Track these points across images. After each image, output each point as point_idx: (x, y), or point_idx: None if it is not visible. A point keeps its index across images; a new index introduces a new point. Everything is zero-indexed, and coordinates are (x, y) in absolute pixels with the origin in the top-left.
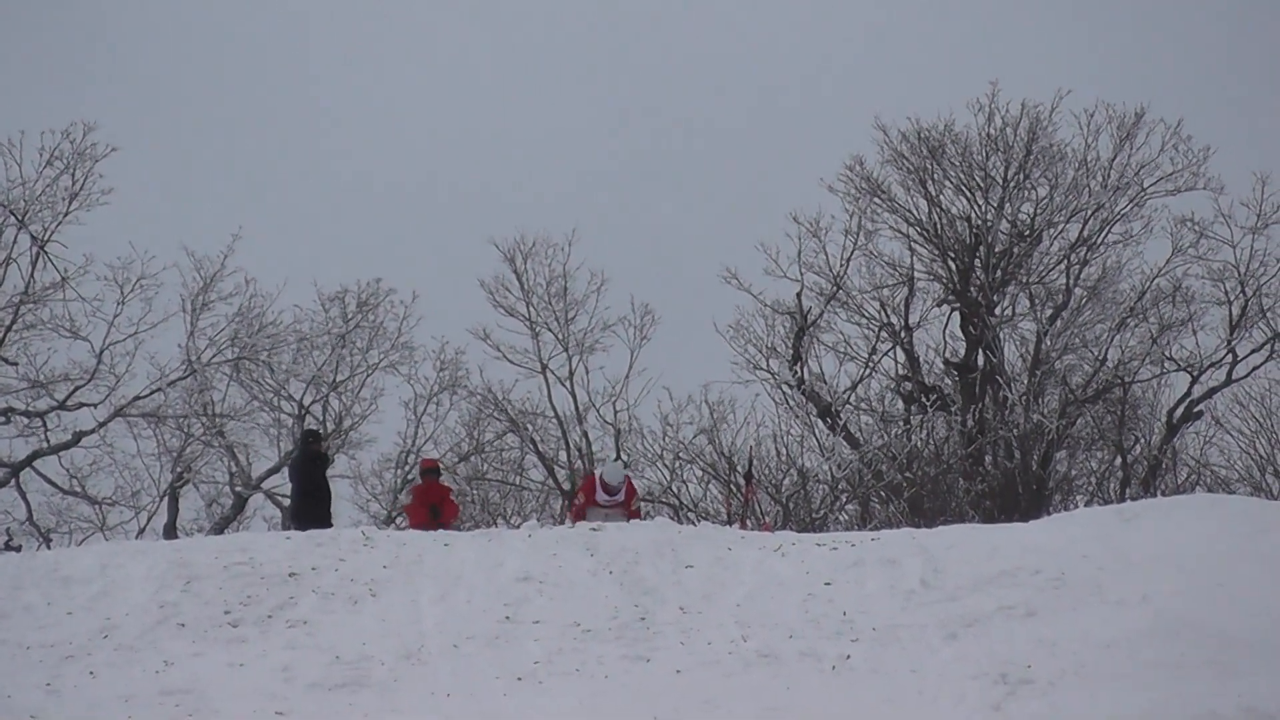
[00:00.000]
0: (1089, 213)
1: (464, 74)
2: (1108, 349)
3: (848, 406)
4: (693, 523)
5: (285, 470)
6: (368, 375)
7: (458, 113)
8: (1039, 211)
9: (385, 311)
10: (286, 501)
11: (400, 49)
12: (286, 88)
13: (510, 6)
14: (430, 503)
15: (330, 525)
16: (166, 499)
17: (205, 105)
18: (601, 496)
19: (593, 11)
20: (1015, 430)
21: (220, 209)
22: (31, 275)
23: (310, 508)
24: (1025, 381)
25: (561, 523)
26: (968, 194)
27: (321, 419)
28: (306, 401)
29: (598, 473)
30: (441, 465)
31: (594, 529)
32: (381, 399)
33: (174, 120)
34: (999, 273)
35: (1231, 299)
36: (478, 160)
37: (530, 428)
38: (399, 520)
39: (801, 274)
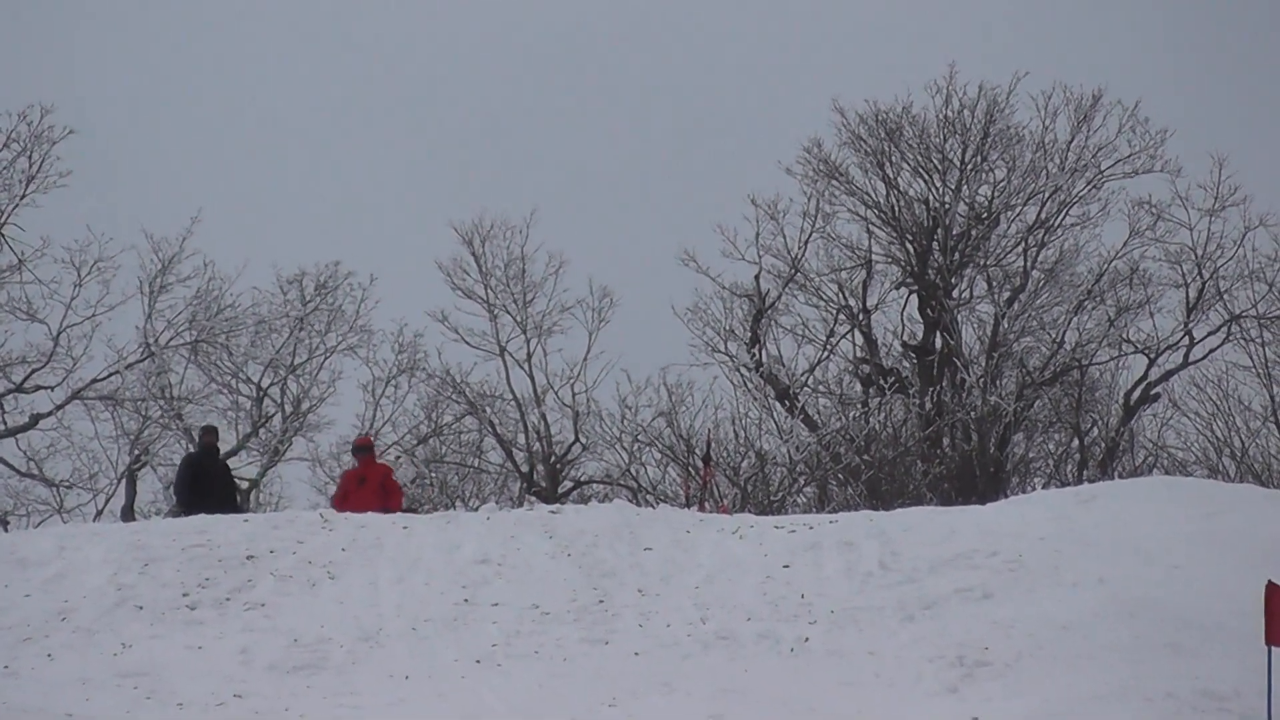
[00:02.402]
0: (1046, 195)
1: (421, 57)
2: (1065, 331)
3: (806, 389)
4: (651, 505)
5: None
6: (326, 358)
7: (415, 95)
8: (996, 194)
9: (344, 294)
10: (243, 483)
11: (357, 31)
12: (246, 69)
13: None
14: (361, 476)
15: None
16: (124, 481)
17: (163, 87)
18: None
19: None
20: (973, 413)
21: (179, 191)
22: None
23: (198, 500)
24: (983, 364)
25: (520, 505)
26: (925, 176)
27: (279, 401)
28: (264, 384)
29: None
30: (374, 442)
31: (552, 512)
32: (340, 381)
33: (132, 102)
34: (957, 255)
35: (1188, 281)
36: (435, 142)
37: (488, 410)
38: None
39: (760, 256)
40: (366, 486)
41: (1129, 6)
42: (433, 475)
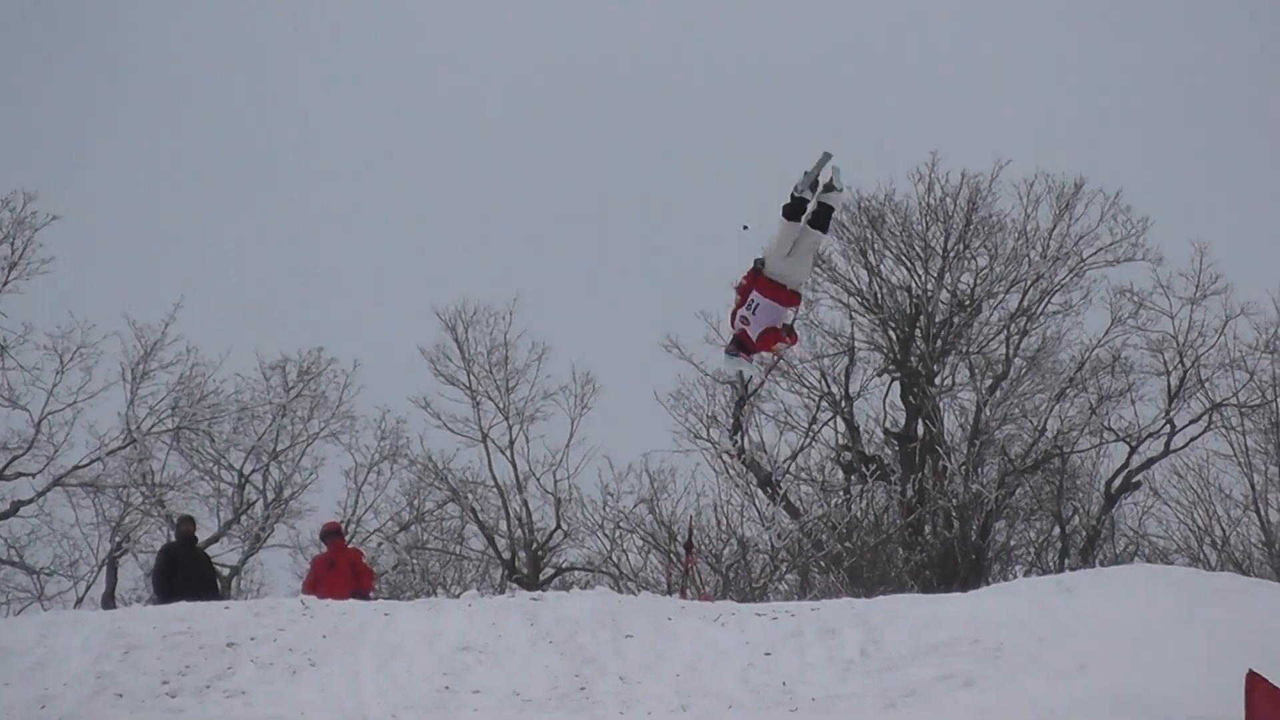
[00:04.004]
0: (1028, 283)
1: (403, 141)
2: (1047, 419)
3: (788, 476)
4: (633, 592)
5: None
6: (308, 444)
7: (399, 179)
8: (979, 281)
9: (326, 380)
10: (224, 570)
11: (338, 115)
12: (229, 153)
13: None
14: (331, 560)
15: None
16: (105, 568)
17: (146, 173)
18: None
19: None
20: (954, 500)
21: (163, 278)
22: None
23: (175, 591)
24: (964, 451)
25: (501, 592)
26: (908, 264)
27: (262, 488)
28: (247, 470)
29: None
30: (343, 528)
31: (534, 598)
32: (322, 468)
33: (117, 188)
34: (939, 342)
35: (1170, 369)
36: (419, 228)
37: (470, 496)
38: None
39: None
40: (337, 570)
41: (1111, 96)
42: (415, 562)
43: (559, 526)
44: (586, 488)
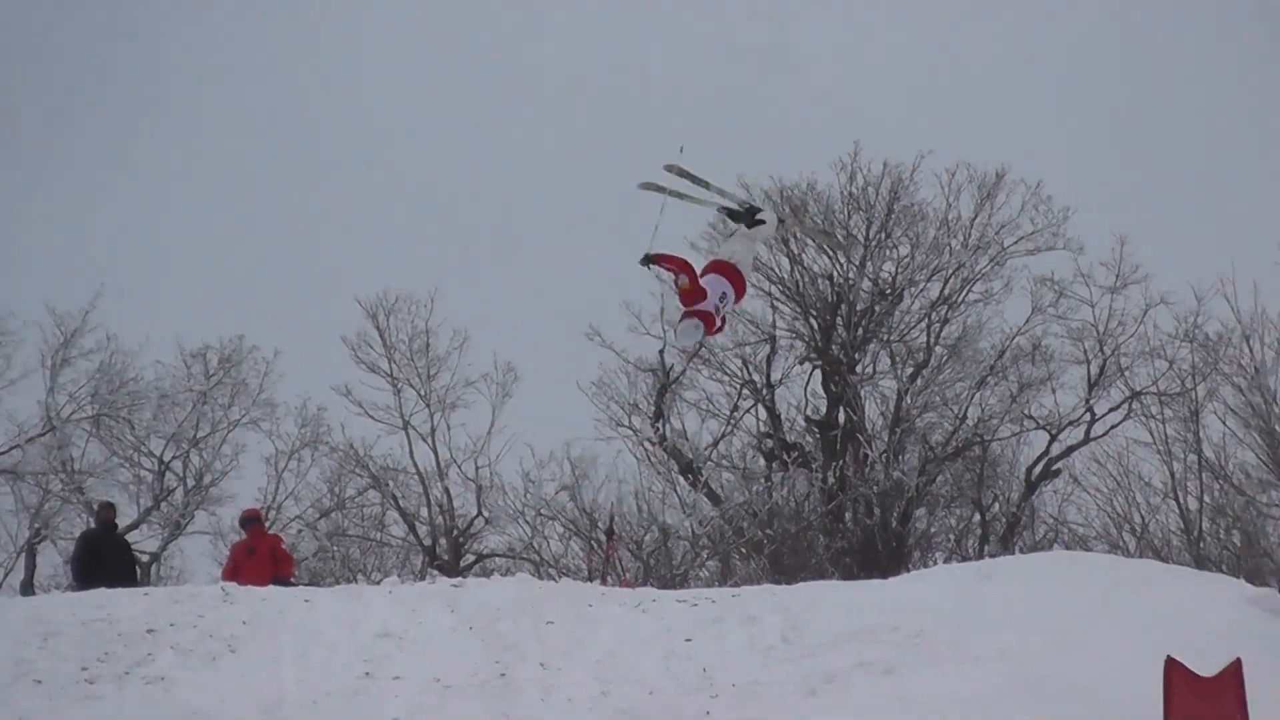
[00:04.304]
0: (950, 271)
1: (323, 132)
2: (967, 407)
3: (709, 463)
4: (554, 579)
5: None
6: (229, 431)
7: (317, 170)
8: (900, 270)
9: (247, 368)
10: (144, 557)
11: (259, 101)
12: (146, 139)
13: (359, 71)
14: (250, 547)
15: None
16: (23, 555)
17: (68, 160)
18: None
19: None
20: (875, 487)
21: (83, 267)
22: None
23: (94, 578)
24: (885, 439)
25: (422, 579)
26: (829, 252)
27: (182, 475)
28: (166, 457)
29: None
30: (263, 514)
31: (455, 585)
32: (243, 455)
33: (35, 176)
34: (860, 330)
35: (1090, 358)
36: (339, 216)
37: (391, 483)
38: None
39: (664, 331)
40: (256, 557)
41: (1032, 86)
42: (335, 549)
43: (480, 513)
44: (508, 475)
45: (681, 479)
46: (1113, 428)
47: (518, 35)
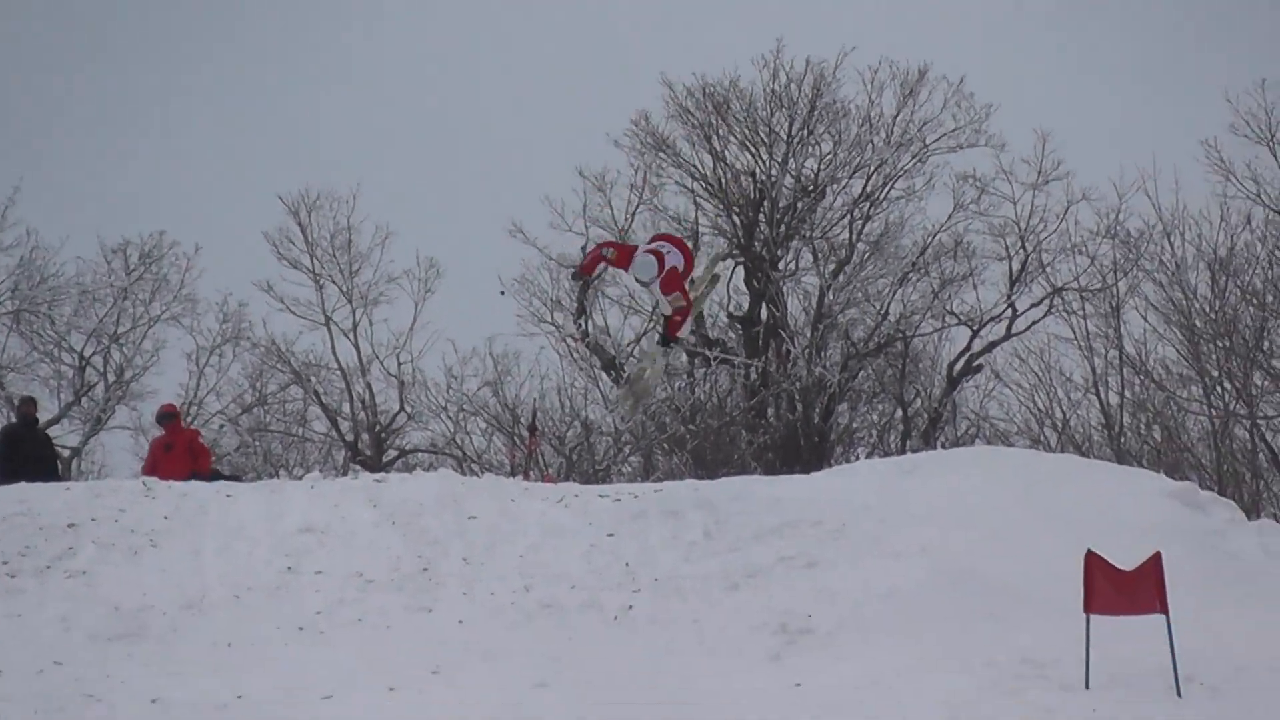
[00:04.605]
0: (872, 169)
1: (247, 25)
2: (890, 303)
3: (631, 359)
4: (476, 474)
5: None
6: (150, 327)
7: (239, 65)
8: (823, 167)
9: (168, 264)
10: (65, 452)
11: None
12: (71, 35)
13: None
14: (168, 443)
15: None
16: None
17: None
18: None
19: None
20: (798, 383)
21: (2, 161)
22: None
23: (15, 472)
24: (808, 335)
25: (344, 474)
26: (752, 149)
27: (102, 370)
28: (87, 353)
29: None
30: (180, 410)
31: (377, 480)
32: (163, 350)
33: None
34: (783, 227)
35: (1012, 254)
36: (261, 112)
37: (314, 379)
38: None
39: (587, 228)
40: (174, 452)
41: None
42: (257, 444)
43: (402, 409)
44: (430, 371)
45: (604, 375)
46: (1034, 324)
47: None
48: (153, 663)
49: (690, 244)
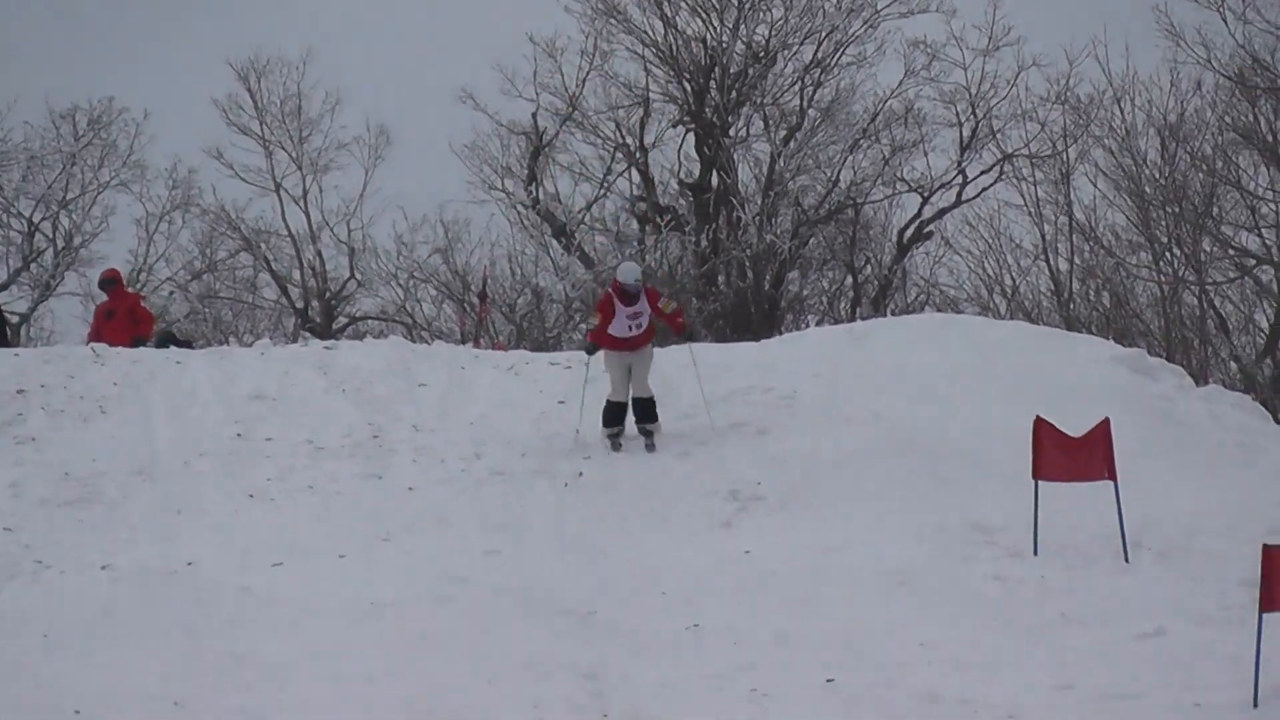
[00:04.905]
0: (823, 34)
1: None
2: (840, 170)
3: (582, 227)
4: (427, 342)
5: None
6: (99, 193)
7: None
8: (774, 33)
9: (117, 130)
10: (14, 318)
11: None
12: None
13: None
14: (110, 309)
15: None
16: None
17: None
18: (621, 310)
19: None
20: (748, 250)
21: None
22: None
23: None
24: (759, 202)
25: (294, 341)
26: (703, 15)
27: (51, 236)
28: (36, 219)
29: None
30: (121, 275)
31: (328, 348)
32: (113, 217)
33: None
34: (734, 94)
35: (962, 121)
36: None
37: (264, 246)
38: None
39: (537, 94)
40: (116, 319)
41: None
42: (207, 311)
43: (353, 276)
44: (380, 238)
45: (554, 242)
46: (984, 190)
47: None
48: (103, 529)
49: (641, 111)
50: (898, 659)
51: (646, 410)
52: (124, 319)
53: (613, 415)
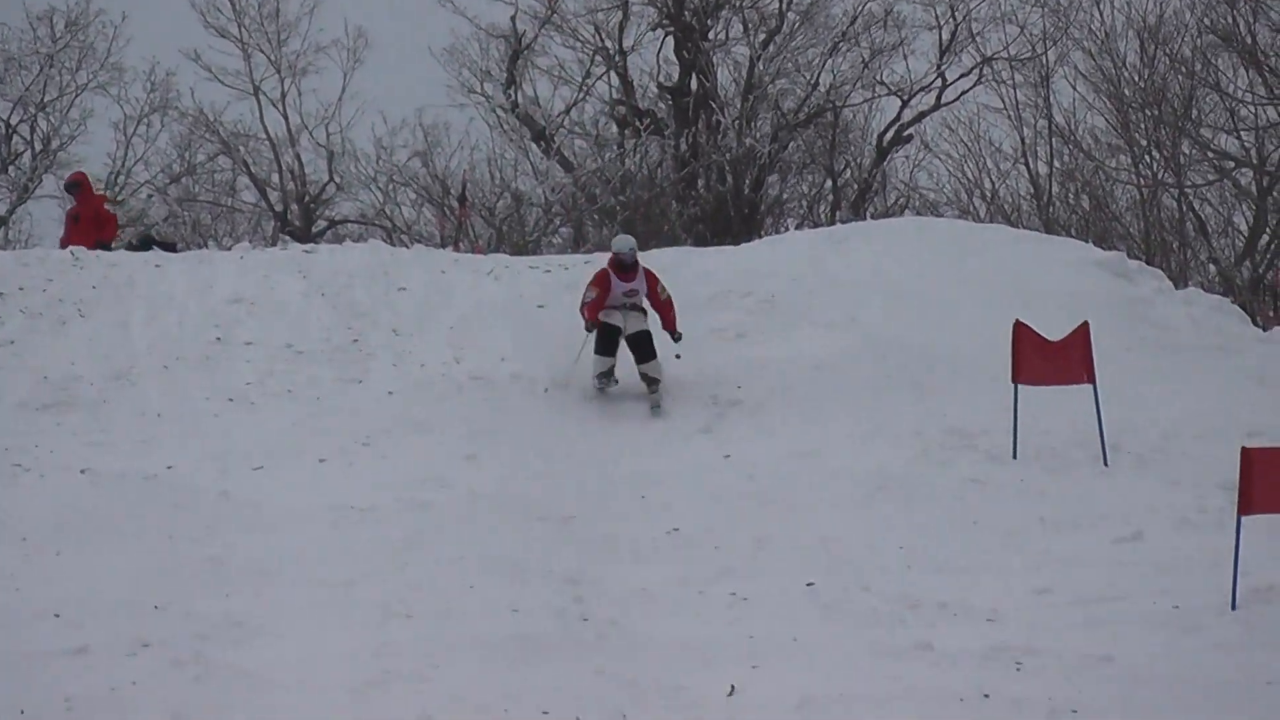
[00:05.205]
0: None
1: None
2: (819, 74)
3: (562, 130)
4: (406, 246)
5: None
6: (77, 96)
7: None
8: None
9: (95, 32)
10: None
11: None
12: None
13: None
14: (76, 213)
15: None
16: None
17: None
18: (618, 285)
19: None
20: (728, 154)
21: None
22: None
23: None
24: (738, 106)
25: (274, 245)
26: None
27: (29, 139)
28: (13, 121)
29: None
30: (90, 177)
31: (307, 251)
32: (91, 120)
33: None
34: None
35: (941, 24)
36: None
37: (242, 149)
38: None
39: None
40: (81, 223)
41: None
42: (185, 214)
43: (332, 180)
44: (360, 142)
45: (534, 146)
46: (964, 93)
47: None
48: (82, 433)
49: (620, 14)
50: (876, 563)
51: (644, 346)
52: (89, 223)
53: (605, 341)
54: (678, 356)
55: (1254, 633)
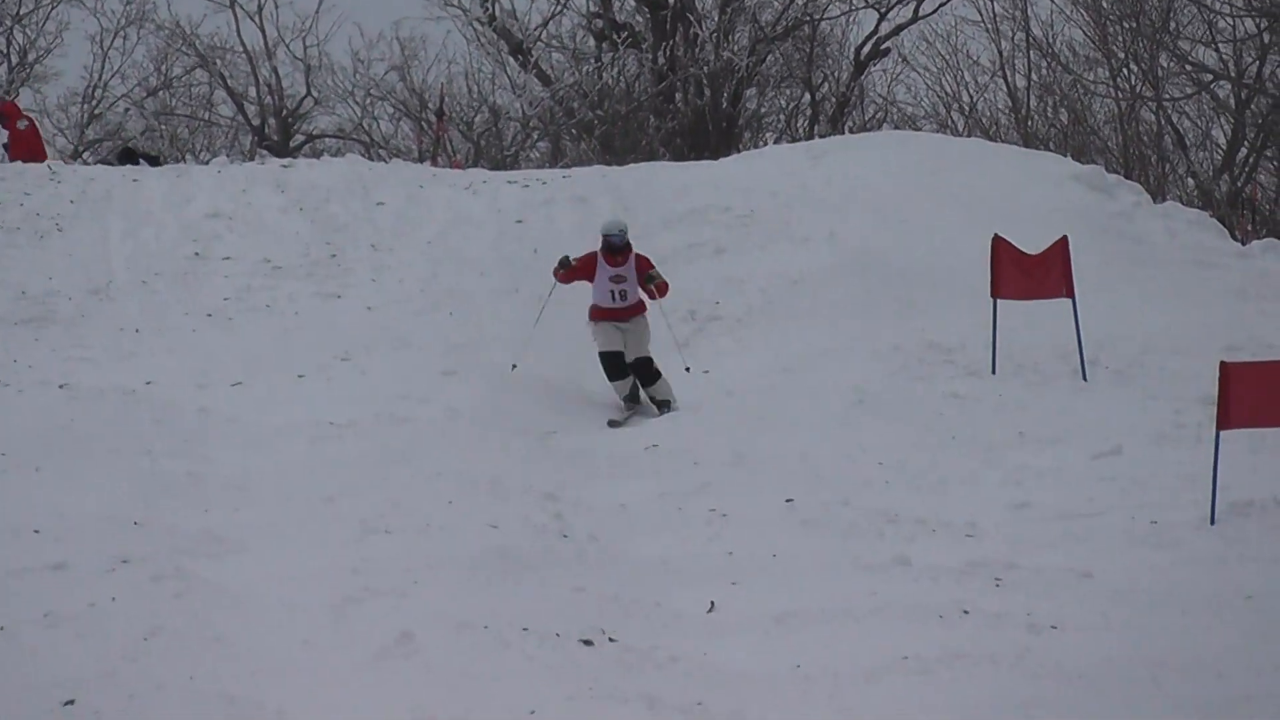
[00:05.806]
0: None
1: None
2: None
3: (539, 44)
4: (384, 160)
5: None
6: (53, 8)
7: None
8: None
9: None
10: None
11: None
12: None
13: None
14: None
15: None
16: None
17: None
18: (605, 269)
19: None
20: (706, 68)
21: None
22: None
23: None
24: (716, 18)
25: (251, 159)
26: None
27: (5, 52)
28: None
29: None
30: (20, 107)
31: (284, 166)
32: (67, 33)
33: None
34: None
35: None
36: None
37: (219, 62)
38: (86, 156)
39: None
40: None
41: None
42: (162, 128)
43: (309, 93)
44: (337, 55)
45: (511, 60)
46: (941, 6)
47: None
48: (60, 348)
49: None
50: (856, 478)
51: (645, 370)
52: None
53: (612, 367)
54: (687, 369)
55: (1232, 547)
